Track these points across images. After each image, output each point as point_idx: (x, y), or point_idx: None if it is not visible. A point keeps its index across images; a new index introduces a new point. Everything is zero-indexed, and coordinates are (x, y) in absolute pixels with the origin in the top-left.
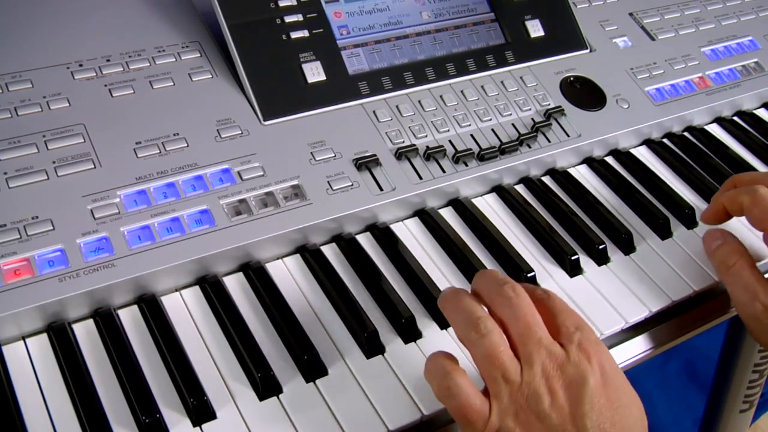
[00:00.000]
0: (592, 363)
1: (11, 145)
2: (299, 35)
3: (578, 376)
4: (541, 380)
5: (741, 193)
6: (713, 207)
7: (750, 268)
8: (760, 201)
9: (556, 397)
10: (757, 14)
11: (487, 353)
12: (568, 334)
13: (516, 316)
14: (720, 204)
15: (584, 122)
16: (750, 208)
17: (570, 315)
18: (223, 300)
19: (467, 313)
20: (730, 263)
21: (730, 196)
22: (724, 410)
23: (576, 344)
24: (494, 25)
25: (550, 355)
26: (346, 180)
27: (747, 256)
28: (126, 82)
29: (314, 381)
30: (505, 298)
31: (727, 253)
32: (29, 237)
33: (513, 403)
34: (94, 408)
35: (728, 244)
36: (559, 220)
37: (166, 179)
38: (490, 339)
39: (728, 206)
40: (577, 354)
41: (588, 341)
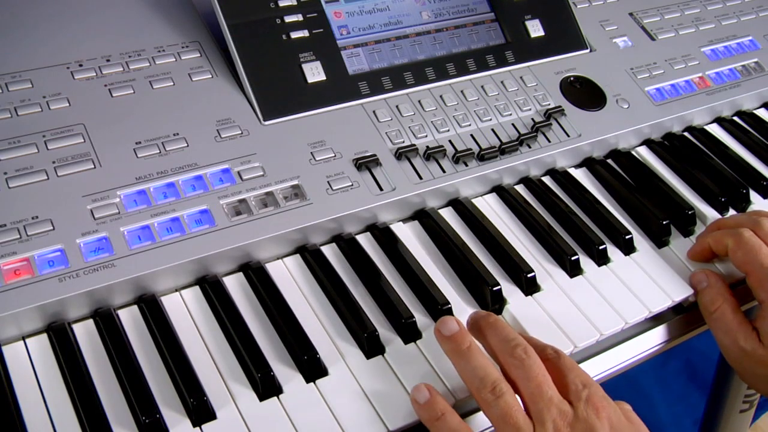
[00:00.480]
0: (600, 418)
1: (11, 145)
2: (299, 35)
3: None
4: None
5: (726, 235)
6: (699, 246)
7: (732, 312)
8: (744, 244)
9: None
10: (757, 14)
11: (502, 413)
12: (576, 392)
13: (527, 377)
14: (706, 243)
15: (584, 122)
16: (734, 251)
17: (578, 373)
18: (223, 300)
19: (483, 373)
20: (712, 309)
21: (715, 237)
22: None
23: (584, 401)
24: (494, 25)
25: (560, 413)
26: (346, 180)
27: (730, 299)
28: (126, 82)
29: (314, 381)
30: (517, 359)
31: (710, 298)
32: (29, 237)
33: None
34: (94, 408)
35: (712, 287)
36: (559, 220)
37: (166, 179)
38: (505, 400)
39: (713, 247)
40: (585, 410)
41: (596, 397)
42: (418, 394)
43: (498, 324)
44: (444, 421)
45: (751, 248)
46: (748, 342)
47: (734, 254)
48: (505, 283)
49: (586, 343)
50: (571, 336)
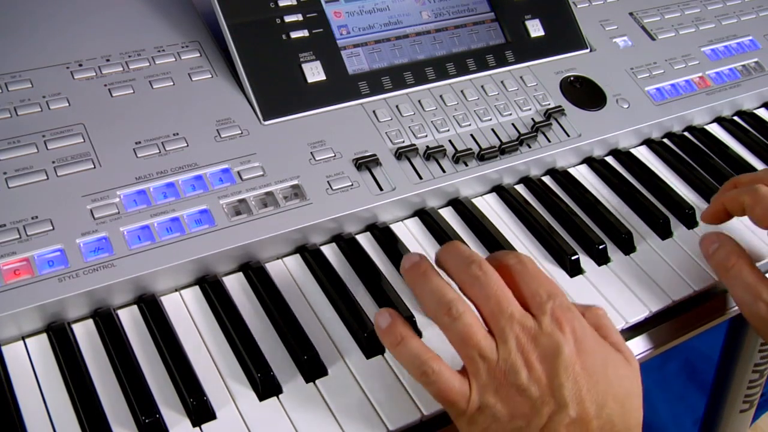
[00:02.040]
0: (564, 331)
1: (11, 144)
2: (299, 35)
3: (552, 347)
4: (517, 354)
5: (742, 192)
6: (713, 207)
7: (749, 267)
8: (762, 199)
9: (533, 369)
10: (757, 14)
11: (461, 335)
12: (540, 303)
13: (486, 295)
14: (720, 204)
15: (584, 122)
16: (752, 207)
17: (542, 282)
18: (222, 300)
19: (438, 295)
20: (729, 265)
21: (731, 195)
22: (724, 410)
23: (549, 314)
24: (494, 24)
25: (523, 329)
26: (346, 180)
27: (745, 256)
28: (126, 82)
29: (314, 381)
30: (473, 277)
31: (725, 255)
32: (29, 237)
33: (492, 380)
34: (94, 408)
35: (725, 246)
36: (559, 220)
37: (165, 179)
38: (463, 321)
39: (729, 206)
40: (550, 324)
41: (560, 309)
42: (380, 318)
43: (454, 245)
44: (404, 344)
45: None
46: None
47: (752, 211)
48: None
49: None
50: None
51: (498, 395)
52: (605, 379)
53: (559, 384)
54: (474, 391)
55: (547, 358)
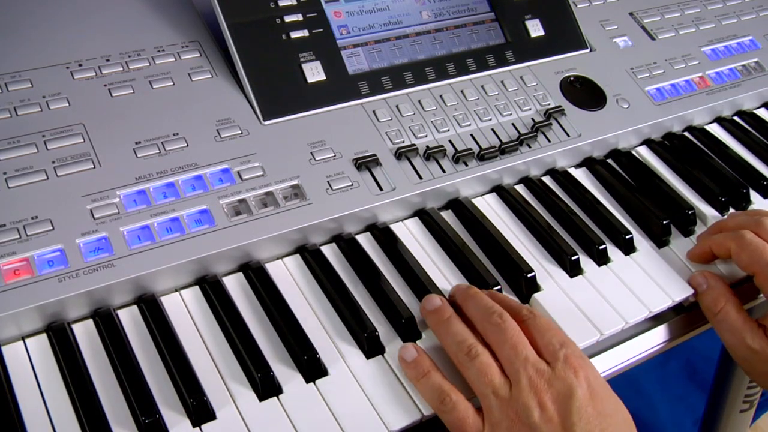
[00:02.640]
0: (578, 376)
1: (11, 144)
2: (299, 35)
3: (566, 389)
4: (530, 394)
5: (727, 238)
6: (700, 248)
7: (736, 311)
8: (747, 245)
9: (545, 409)
10: (757, 14)
11: (478, 373)
12: (553, 352)
13: (503, 340)
14: (707, 246)
15: (584, 122)
16: (738, 254)
17: (555, 333)
18: (222, 300)
19: (460, 339)
20: (716, 309)
21: (716, 240)
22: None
23: (562, 360)
24: (494, 24)
25: (536, 371)
26: (346, 180)
27: (733, 299)
28: (126, 82)
29: (314, 381)
30: (494, 325)
31: (712, 299)
32: (29, 237)
33: (505, 417)
34: (94, 408)
35: (712, 288)
36: (559, 220)
37: (165, 179)
38: (480, 360)
39: (715, 250)
40: (563, 369)
41: (573, 356)
42: (405, 352)
43: (476, 295)
44: (429, 377)
45: (755, 249)
46: (756, 340)
47: (738, 257)
48: (505, 284)
49: (587, 343)
50: (571, 336)
51: None
52: (616, 424)
53: (572, 424)
54: (487, 426)
55: (560, 400)
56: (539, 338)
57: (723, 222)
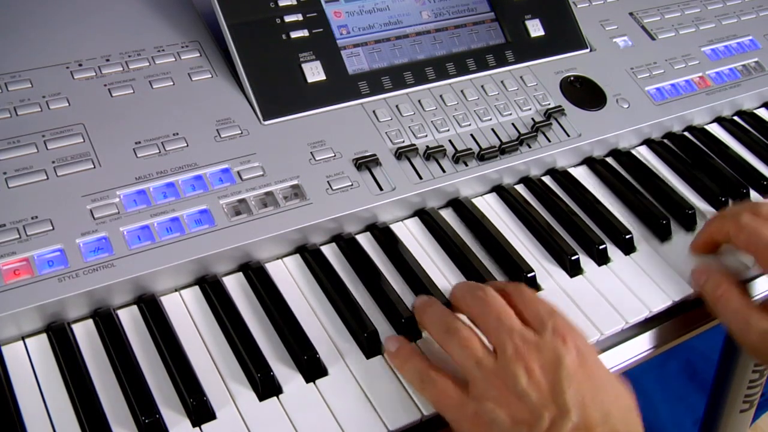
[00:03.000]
0: (567, 344)
1: (11, 144)
2: (299, 35)
3: (553, 356)
4: (517, 362)
5: (725, 221)
6: (702, 237)
7: (739, 295)
8: (745, 226)
9: (533, 375)
10: (757, 14)
11: (459, 346)
12: (541, 321)
13: (487, 311)
14: (708, 234)
15: (584, 122)
16: (736, 235)
17: (541, 304)
18: (222, 300)
19: (439, 317)
20: (718, 293)
21: (715, 225)
22: (724, 410)
23: (550, 329)
24: (494, 24)
25: (523, 340)
26: (346, 180)
27: (734, 284)
28: (125, 82)
29: (314, 381)
30: (477, 298)
31: (713, 286)
32: (29, 237)
33: (491, 387)
34: (94, 408)
35: (714, 276)
36: (559, 220)
37: (165, 179)
38: (461, 334)
39: (716, 236)
40: (551, 337)
41: (562, 324)
42: (389, 343)
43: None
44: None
45: (753, 229)
46: (763, 321)
47: (737, 238)
48: None
49: None
50: None
51: (497, 401)
52: (608, 390)
53: (561, 390)
54: (471, 398)
55: (548, 366)
56: (526, 309)
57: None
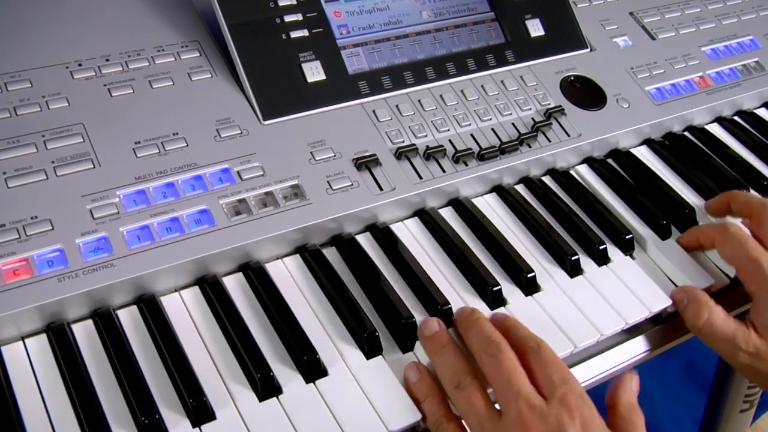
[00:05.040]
0: (573, 417)
1: (10, 144)
2: (299, 35)
3: (556, 428)
4: (517, 428)
5: (713, 230)
6: (688, 237)
7: (721, 320)
8: (730, 238)
9: None
10: (757, 13)
11: (466, 403)
12: (551, 387)
13: (498, 371)
14: (695, 237)
15: (584, 122)
16: (722, 246)
17: (558, 369)
18: (222, 300)
19: (451, 370)
20: (699, 324)
21: (703, 231)
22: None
23: (558, 398)
24: (494, 24)
25: (528, 406)
26: (346, 180)
27: (715, 308)
28: (125, 82)
29: (314, 381)
30: (490, 356)
31: (694, 313)
32: (28, 237)
33: None
34: (93, 408)
35: (693, 302)
36: (559, 220)
37: (165, 179)
38: (469, 391)
39: (702, 241)
40: (558, 407)
41: (573, 395)
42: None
43: (478, 322)
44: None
45: (738, 242)
46: (749, 342)
47: (722, 249)
48: (505, 283)
49: (586, 343)
50: (571, 336)
51: None
52: None
53: None
54: None
55: None
56: (540, 371)
57: (732, 194)
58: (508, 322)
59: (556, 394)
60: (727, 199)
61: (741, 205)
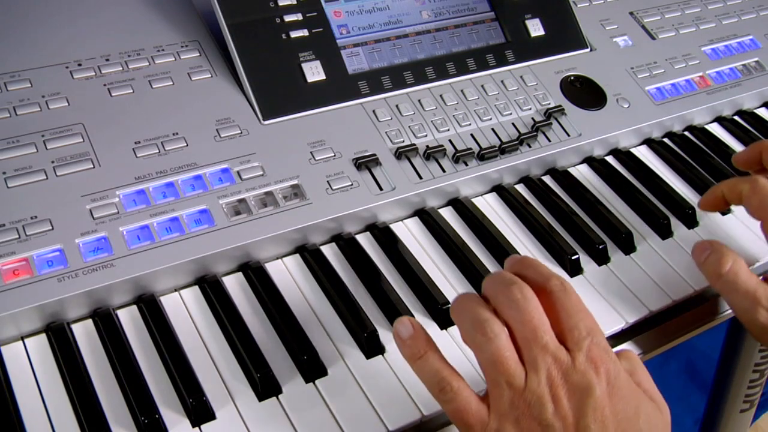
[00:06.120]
0: (599, 373)
1: (10, 144)
2: (299, 34)
3: (583, 386)
4: (545, 387)
5: (741, 181)
6: (712, 194)
7: (745, 272)
8: (760, 190)
9: (559, 405)
10: (757, 13)
11: (492, 358)
12: (578, 339)
13: (522, 320)
14: (719, 191)
15: (585, 122)
16: (749, 197)
17: (584, 317)
18: (222, 300)
19: (473, 315)
20: (722, 271)
21: (729, 183)
22: (724, 410)
23: (585, 351)
24: (494, 24)
25: (555, 361)
26: (346, 180)
27: (739, 260)
28: (125, 82)
29: (314, 381)
30: (512, 300)
31: (716, 261)
32: (28, 237)
33: (514, 409)
34: (93, 408)
35: (717, 251)
36: (559, 220)
37: (165, 179)
38: (497, 343)
39: (727, 194)
40: (585, 362)
41: (598, 348)
42: (401, 327)
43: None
44: (426, 359)
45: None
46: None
47: (749, 200)
48: None
49: None
50: None
51: (518, 426)
52: (634, 427)
53: (585, 425)
54: (493, 417)
55: (576, 396)
56: (565, 319)
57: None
58: (527, 260)
59: (582, 346)
60: (759, 150)
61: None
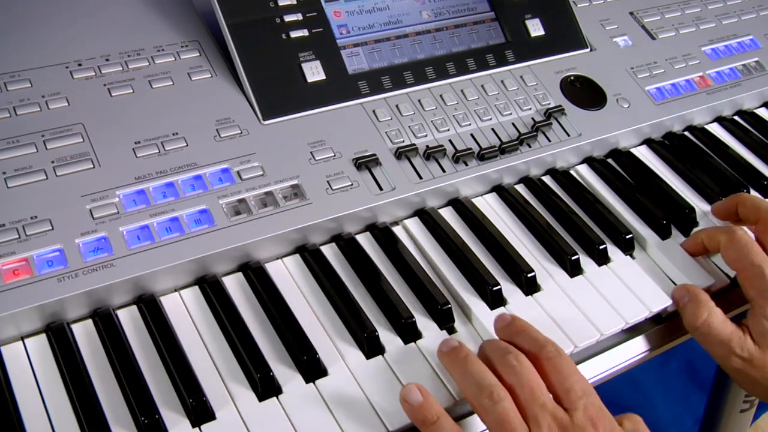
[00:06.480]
0: (597, 429)
1: (10, 144)
2: (299, 34)
3: None
4: None
5: (719, 231)
6: (692, 241)
7: (719, 322)
8: (736, 242)
9: None
10: (757, 13)
11: (499, 418)
12: (574, 400)
13: (521, 384)
14: (699, 239)
15: (584, 122)
16: (726, 248)
17: (578, 379)
18: (222, 300)
19: (479, 379)
20: (698, 323)
21: (709, 232)
22: (724, 410)
23: (581, 410)
24: (494, 24)
25: (554, 419)
26: (346, 180)
27: (714, 310)
28: (125, 82)
29: (314, 381)
30: (509, 366)
31: (692, 311)
32: (28, 237)
33: None
34: (93, 408)
35: (693, 300)
36: (559, 220)
37: (165, 179)
38: (503, 405)
39: (706, 243)
40: (583, 419)
41: (594, 407)
42: (409, 395)
43: (494, 340)
44: (439, 425)
45: (743, 246)
46: (744, 348)
47: (726, 251)
48: (505, 283)
49: (587, 343)
50: (571, 336)
51: None
52: None
53: None
54: None
55: None
56: (560, 381)
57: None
58: (518, 323)
59: (578, 406)
60: (735, 203)
61: (749, 209)
